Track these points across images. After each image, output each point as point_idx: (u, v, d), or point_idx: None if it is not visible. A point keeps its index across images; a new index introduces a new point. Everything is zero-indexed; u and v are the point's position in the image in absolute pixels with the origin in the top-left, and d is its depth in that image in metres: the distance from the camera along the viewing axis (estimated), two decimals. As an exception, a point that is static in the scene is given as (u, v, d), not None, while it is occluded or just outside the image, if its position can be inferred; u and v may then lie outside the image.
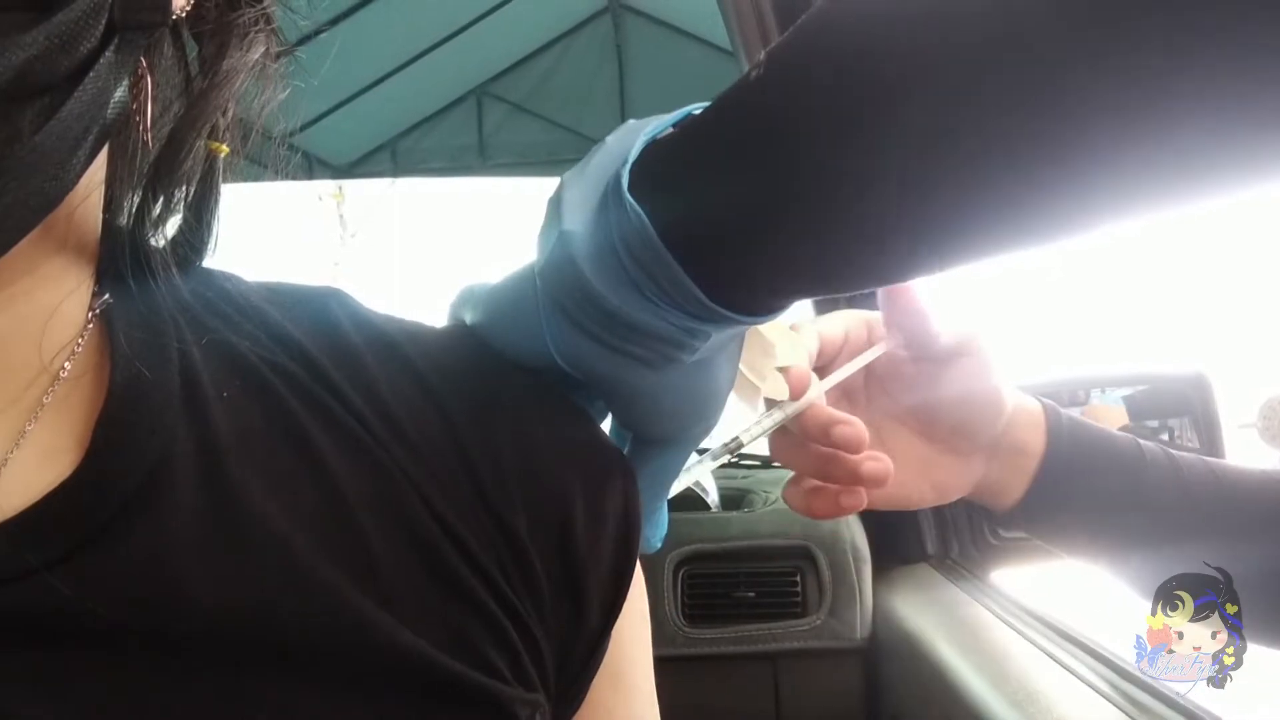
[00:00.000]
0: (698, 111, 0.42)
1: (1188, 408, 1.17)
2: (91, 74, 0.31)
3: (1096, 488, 0.60)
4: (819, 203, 0.37)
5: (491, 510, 0.41)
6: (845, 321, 0.60)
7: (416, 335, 0.45)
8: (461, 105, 4.60)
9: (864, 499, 0.57)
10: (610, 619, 0.45)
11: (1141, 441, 0.61)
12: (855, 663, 1.22)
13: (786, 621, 1.22)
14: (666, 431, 0.47)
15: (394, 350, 0.44)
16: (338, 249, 7.10)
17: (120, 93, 0.33)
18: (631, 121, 0.44)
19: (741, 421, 0.57)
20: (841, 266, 0.40)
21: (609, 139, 0.44)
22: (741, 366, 0.51)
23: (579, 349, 0.43)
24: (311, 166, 4.45)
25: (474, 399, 0.44)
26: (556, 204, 0.43)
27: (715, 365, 0.46)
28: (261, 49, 0.40)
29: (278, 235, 5.86)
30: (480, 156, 4.64)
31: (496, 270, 0.48)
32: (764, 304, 0.43)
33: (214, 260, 0.43)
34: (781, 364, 0.55)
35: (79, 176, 0.33)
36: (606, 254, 0.41)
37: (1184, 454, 0.61)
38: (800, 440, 0.57)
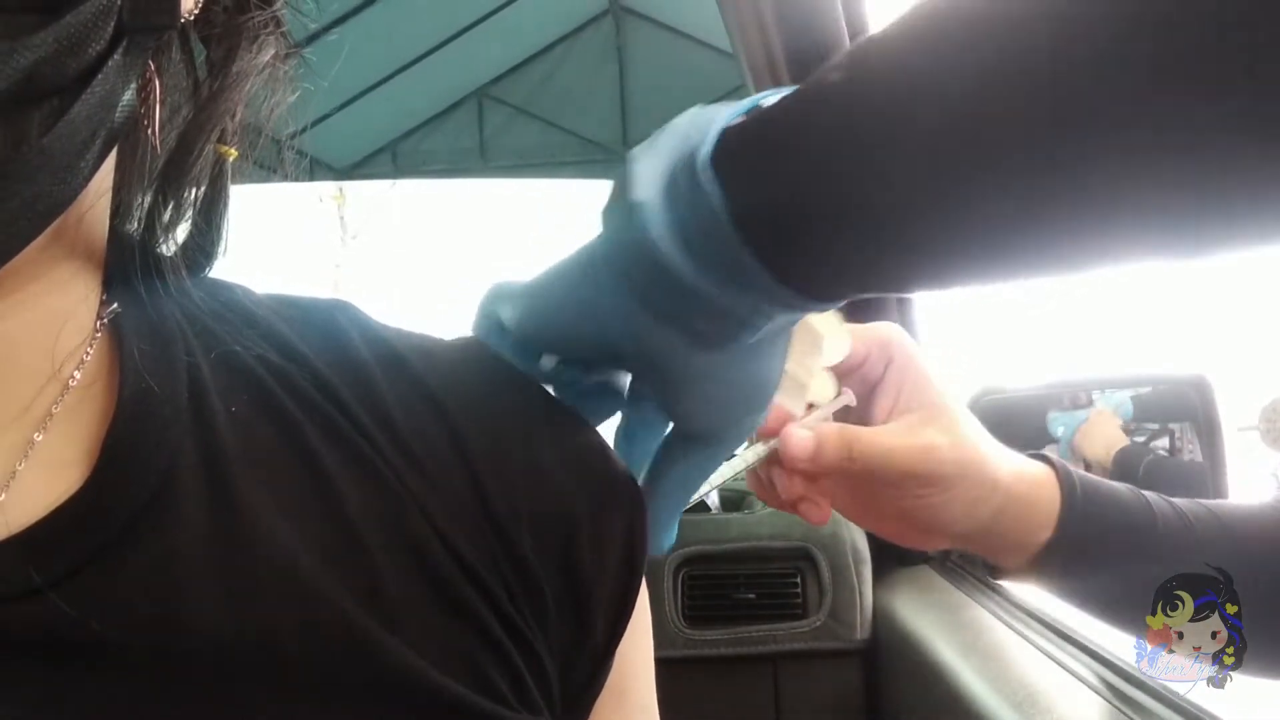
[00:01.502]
0: (771, 100, 0.42)
1: (1189, 411, 1.17)
2: (100, 76, 0.31)
3: (1110, 552, 0.59)
4: (906, 219, 0.37)
5: (497, 528, 0.41)
6: (868, 344, 0.58)
7: (425, 350, 0.45)
8: (462, 107, 4.60)
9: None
10: (615, 638, 0.45)
11: (1147, 494, 0.60)
12: (855, 664, 1.22)
13: (787, 623, 1.22)
14: (713, 423, 0.47)
15: (403, 366, 0.43)
16: (338, 250, 7.10)
17: (128, 96, 0.33)
18: (697, 108, 0.44)
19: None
20: (919, 277, 0.41)
21: (680, 121, 0.43)
22: (788, 364, 0.50)
23: (641, 325, 0.43)
24: (312, 168, 4.44)
25: (483, 416, 0.43)
26: (625, 179, 0.42)
27: (768, 355, 0.46)
28: (271, 51, 0.40)
29: (279, 237, 5.86)
30: (481, 158, 4.64)
31: (509, 269, 0.48)
32: (829, 293, 0.43)
33: (222, 263, 0.43)
34: (828, 362, 0.54)
35: (87, 181, 0.33)
36: (676, 228, 0.41)
37: (1184, 501, 0.59)
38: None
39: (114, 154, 0.36)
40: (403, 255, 7.86)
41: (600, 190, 0.44)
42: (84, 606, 0.33)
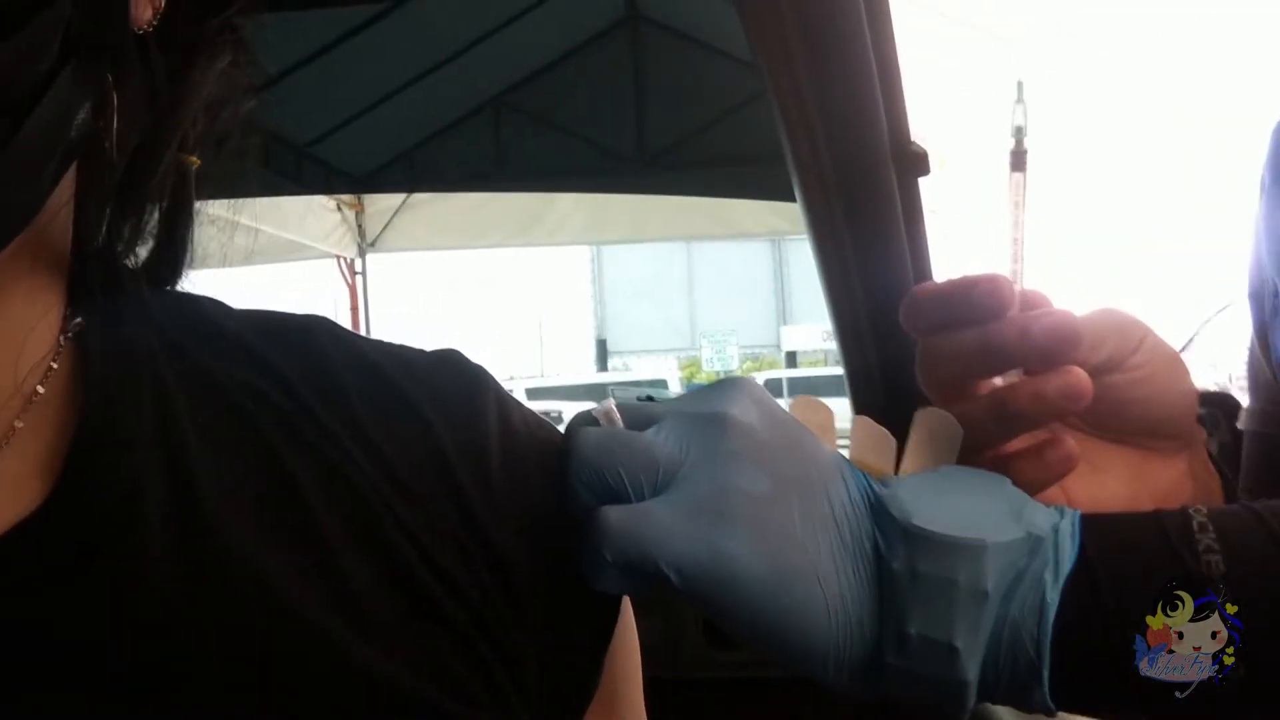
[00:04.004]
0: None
1: (1215, 428, 1.15)
2: (49, 94, 0.31)
3: None
4: None
5: (478, 536, 0.41)
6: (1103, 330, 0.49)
7: (403, 360, 0.45)
8: (480, 116, 4.61)
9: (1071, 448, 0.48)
10: (602, 642, 0.45)
11: None
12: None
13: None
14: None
15: (379, 376, 0.43)
16: (356, 260, 7.13)
17: (84, 112, 0.33)
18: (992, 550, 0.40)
19: None
20: None
21: (986, 585, 0.40)
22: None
23: (847, 689, 0.44)
24: (330, 177, 4.47)
25: (461, 423, 0.43)
26: (951, 641, 0.40)
27: None
28: (228, 59, 0.40)
29: (295, 246, 5.89)
30: (498, 166, 4.65)
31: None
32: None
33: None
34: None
35: (46, 196, 0.33)
36: (982, 693, 0.42)
37: None
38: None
39: (74, 166, 0.35)
40: (420, 265, 7.87)
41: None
42: (44, 627, 0.32)
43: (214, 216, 0.42)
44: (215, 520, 0.36)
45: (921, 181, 0.92)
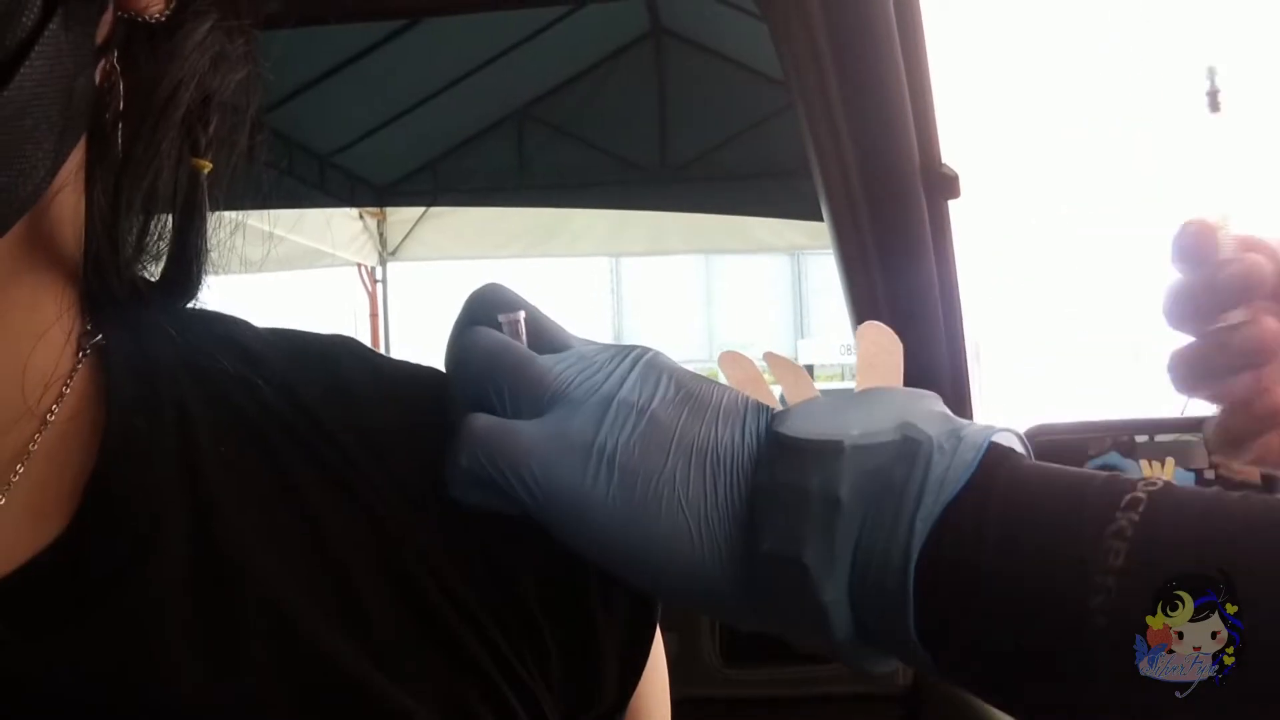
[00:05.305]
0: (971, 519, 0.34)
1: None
2: (37, 48, 0.29)
3: None
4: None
5: (502, 577, 0.40)
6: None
7: (426, 381, 0.44)
8: (503, 127, 4.63)
9: None
10: (627, 691, 0.44)
11: None
12: (897, 711, 1.19)
13: (827, 664, 1.20)
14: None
15: (408, 405, 0.42)
16: (377, 268, 7.16)
17: (83, 79, 0.31)
18: (854, 445, 0.36)
19: None
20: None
21: (848, 496, 0.35)
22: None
23: (739, 614, 0.40)
24: (353, 186, 4.49)
25: None
26: (800, 553, 0.36)
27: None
28: (209, 22, 0.37)
29: (317, 254, 5.91)
30: (520, 179, 4.67)
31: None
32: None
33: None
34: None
35: (46, 177, 0.31)
36: (856, 622, 0.36)
37: None
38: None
39: (83, 165, 0.34)
40: (442, 273, 7.89)
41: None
42: (58, 663, 0.31)
43: (235, 222, 0.41)
44: (235, 555, 0.35)
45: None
